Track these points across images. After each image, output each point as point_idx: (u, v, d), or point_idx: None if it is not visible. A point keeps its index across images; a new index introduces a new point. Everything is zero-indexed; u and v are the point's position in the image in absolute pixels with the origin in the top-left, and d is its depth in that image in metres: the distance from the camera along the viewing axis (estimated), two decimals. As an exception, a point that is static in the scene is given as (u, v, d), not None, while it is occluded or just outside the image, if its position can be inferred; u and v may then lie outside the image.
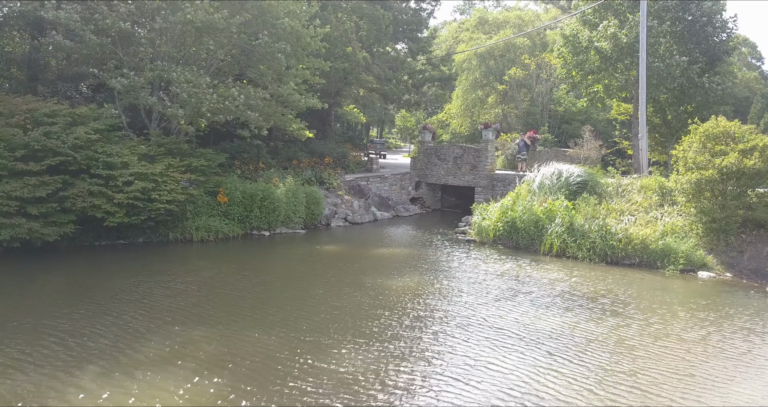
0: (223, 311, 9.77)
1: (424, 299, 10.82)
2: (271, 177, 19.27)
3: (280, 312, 9.77)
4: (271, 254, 14.87)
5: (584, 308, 10.44)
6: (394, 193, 24.81)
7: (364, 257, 14.80)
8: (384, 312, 9.89)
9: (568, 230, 15.26)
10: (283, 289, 11.45)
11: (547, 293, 11.41)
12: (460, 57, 38.06)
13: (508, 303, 10.59)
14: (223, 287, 11.29)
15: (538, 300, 10.83)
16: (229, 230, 16.37)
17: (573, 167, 18.04)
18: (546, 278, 12.63)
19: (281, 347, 8.10)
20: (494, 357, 7.93)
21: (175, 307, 9.86)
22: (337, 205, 21.19)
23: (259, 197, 17.03)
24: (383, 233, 19.07)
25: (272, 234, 17.53)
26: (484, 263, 14.18)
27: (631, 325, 9.51)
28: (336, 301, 10.50)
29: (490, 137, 23.29)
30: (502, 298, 10.96)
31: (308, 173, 21.54)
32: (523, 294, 11.25)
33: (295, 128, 17.99)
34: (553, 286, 11.96)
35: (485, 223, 17.28)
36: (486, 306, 10.43)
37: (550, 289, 11.70)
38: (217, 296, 10.66)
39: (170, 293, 10.73)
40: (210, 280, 11.86)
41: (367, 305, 10.27)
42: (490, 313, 9.98)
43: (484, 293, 11.35)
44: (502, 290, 11.58)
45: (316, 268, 13.47)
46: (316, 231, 18.74)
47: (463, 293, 11.33)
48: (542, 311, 10.15)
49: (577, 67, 26.97)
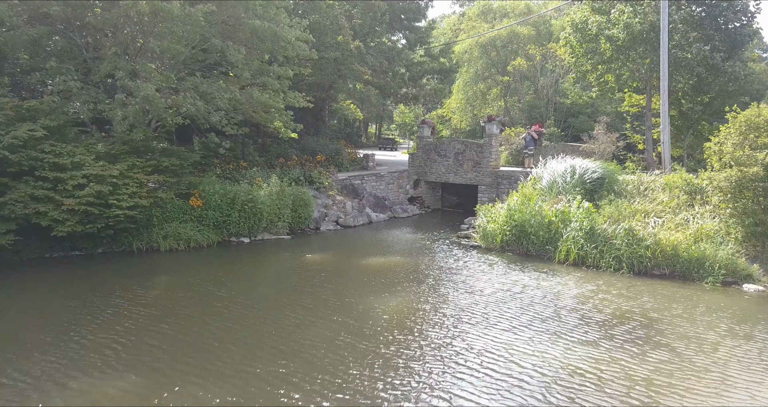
0: (167, 350, 7.73)
1: (419, 328, 8.77)
2: (255, 177, 17.23)
3: (241, 352, 7.72)
4: (246, 267, 12.83)
5: (616, 336, 8.38)
6: (391, 192, 22.74)
7: (354, 269, 12.75)
8: (369, 350, 7.85)
9: (587, 235, 13.19)
10: (250, 314, 9.40)
11: (569, 315, 9.35)
12: (460, 48, 35.87)
13: (523, 335, 8.54)
14: (177, 314, 9.25)
15: (559, 327, 8.77)
16: (202, 237, 14.32)
17: (588, 163, 15.93)
18: (566, 295, 10.56)
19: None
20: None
21: (103, 345, 7.81)
22: (328, 206, 19.13)
23: (238, 200, 14.97)
24: (378, 237, 17.01)
25: (253, 241, 15.48)
26: (490, 276, 12.12)
27: (680, 362, 7.45)
28: (312, 334, 8.45)
29: (494, 131, 21.19)
30: (514, 326, 8.90)
31: (296, 171, 19.47)
32: (540, 319, 9.18)
33: (278, 127, 15.84)
34: (575, 306, 9.89)
35: (491, 227, 15.20)
36: (494, 339, 8.38)
37: (572, 310, 9.63)
38: (165, 327, 8.61)
39: (106, 322, 8.70)
40: (164, 302, 9.82)
41: (349, 339, 8.22)
42: (499, 352, 7.93)
43: (491, 319, 9.28)
44: (513, 314, 9.51)
45: (296, 284, 11.43)
46: (303, 237, 16.69)
47: (468, 319, 9.28)
48: (565, 343, 8.09)
49: (586, 56, 24.90)
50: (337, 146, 25.54)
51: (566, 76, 32.40)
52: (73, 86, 12.76)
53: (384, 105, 57.50)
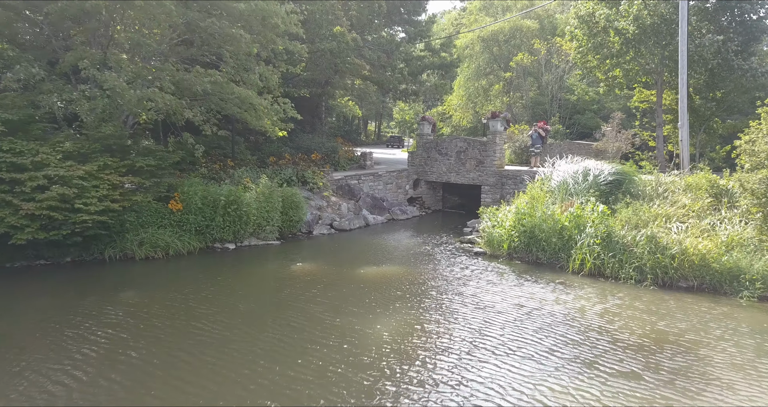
0: (129, 388, 6.46)
1: (425, 356, 7.49)
2: (243, 177, 15.93)
3: (215, 388, 6.45)
4: (230, 278, 11.53)
5: (657, 366, 7.11)
6: (390, 193, 21.45)
7: (349, 281, 11.46)
8: (369, 386, 6.59)
9: (604, 243, 11.91)
10: (231, 337, 8.12)
11: (599, 338, 8.08)
12: (461, 42, 34.50)
13: (549, 364, 7.26)
14: (147, 337, 7.96)
15: (590, 353, 7.50)
16: (183, 244, 13.02)
17: (602, 164, 14.65)
18: (590, 312, 9.28)
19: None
20: None
21: (53, 380, 6.55)
22: (322, 208, 17.84)
23: (222, 203, 13.67)
24: (374, 243, 15.72)
25: (239, 247, 14.18)
26: (501, 289, 10.84)
27: (746, 402, 6.18)
28: (301, 363, 7.18)
29: (498, 128, 19.90)
30: (537, 353, 7.62)
31: (288, 171, 18.17)
32: (566, 343, 7.91)
33: (266, 125, 14.51)
34: (602, 325, 8.61)
35: (497, 232, 13.92)
36: (515, 370, 7.11)
37: (600, 331, 8.36)
38: (132, 356, 7.33)
39: (62, 349, 7.42)
40: (134, 321, 8.52)
41: (345, 370, 6.95)
42: (525, 388, 6.65)
43: (509, 343, 8.01)
44: (534, 336, 8.24)
45: (285, 299, 10.15)
46: (294, 242, 15.40)
47: (482, 344, 8.00)
48: (601, 376, 6.82)
49: (593, 50, 23.62)
50: (334, 144, 24.25)
51: (571, 71, 31.09)
52: (35, 73, 11.43)
53: (383, 102, 56.20)
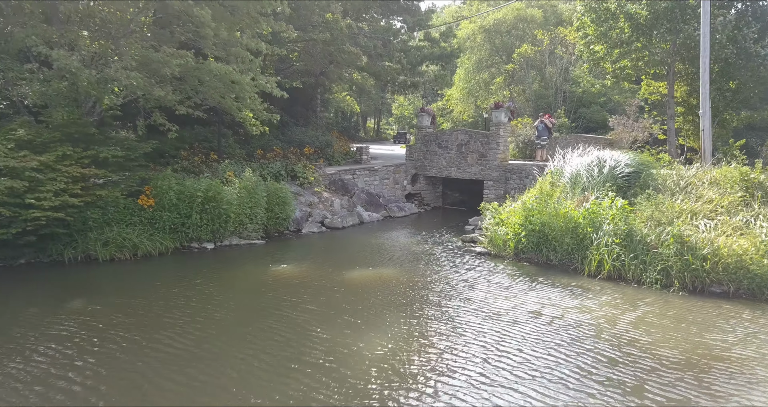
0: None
1: (434, 381, 6.10)
2: (225, 171, 14.55)
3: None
4: (205, 282, 10.14)
5: (710, 395, 5.71)
6: (386, 188, 20.06)
7: (337, 285, 10.07)
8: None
9: (624, 242, 10.51)
10: (201, 355, 6.74)
11: (641, 356, 6.67)
12: (462, 33, 33.05)
13: (590, 391, 5.87)
14: (99, 354, 6.58)
15: (638, 380, 6.10)
16: (154, 244, 11.64)
17: (619, 154, 13.24)
18: (622, 322, 7.88)
19: None
20: None
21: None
22: (313, 205, 16.46)
23: (199, 199, 12.29)
24: (369, 242, 14.34)
25: (219, 247, 12.81)
26: (513, 293, 9.45)
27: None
28: (280, 389, 5.79)
29: (501, 119, 18.48)
30: (572, 377, 6.22)
31: (277, 165, 16.78)
32: (605, 363, 6.51)
33: (247, 117, 13.08)
34: (640, 339, 7.21)
35: (501, 230, 12.54)
36: (530, 402, 5.71)
37: (641, 348, 6.95)
38: (72, 382, 5.95)
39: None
40: (87, 333, 7.14)
41: (332, 400, 5.56)
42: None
43: (534, 364, 6.62)
44: (564, 354, 6.84)
45: (265, 307, 8.77)
46: (281, 241, 14.01)
47: (500, 365, 6.60)
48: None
49: (601, 38, 22.20)
50: (328, 138, 22.84)
51: (577, 63, 29.64)
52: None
53: (383, 98, 54.77)
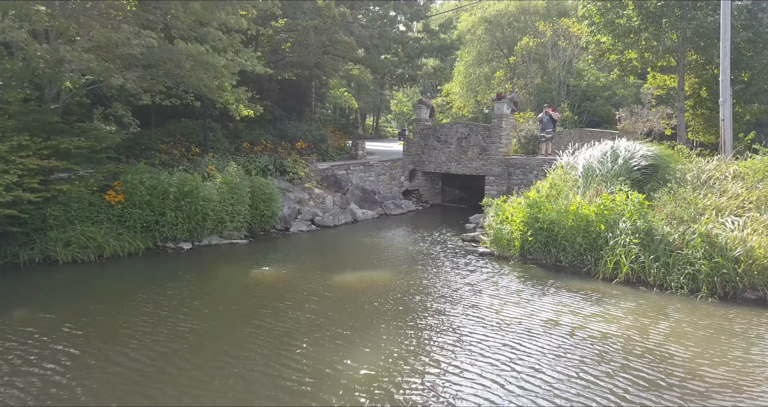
0: None
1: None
2: (207, 165, 13.41)
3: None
4: (176, 287, 8.97)
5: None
6: (382, 185, 18.90)
7: (325, 290, 8.92)
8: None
9: (643, 242, 9.36)
10: (134, 384, 5.60)
11: (688, 377, 5.53)
12: (463, 25, 31.84)
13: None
14: (34, 376, 5.44)
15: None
16: (121, 244, 10.49)
17: (635, 145, 12.07)
18: (654, 334, 6.74)
19: None
20: None
21: None
22: (303, 202, 15.30)
23: (171, 195, 11.13)
24: (362, 241, 13.18)
25: (197, 247, 11.66)
26: (520, 299, 8.30)
27: None
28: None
29: (504, 111, 17.32)
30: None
31: (264, 159, 15.62)
32: (645, 386, 5.36)
33: (228, 100, 11.93)
34: (678, 354, 6.06)
35: (506, 228, 11.38)
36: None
37: (685, 368, 5.81)
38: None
39: None
40: (27, 349, 6.00)
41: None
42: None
43: (560, 388, 5.47)
44: (594, 375, 5.69)
45: (235, 317, 7.62)
46: (266, 240, 12.86)
47: (519, 390, 5.46)
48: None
49: (607, 27, 21.06)
50: (322, 133, 21.67)
51: (580, 55, 28.48)
52: None
53: (382, 95, 53.62)
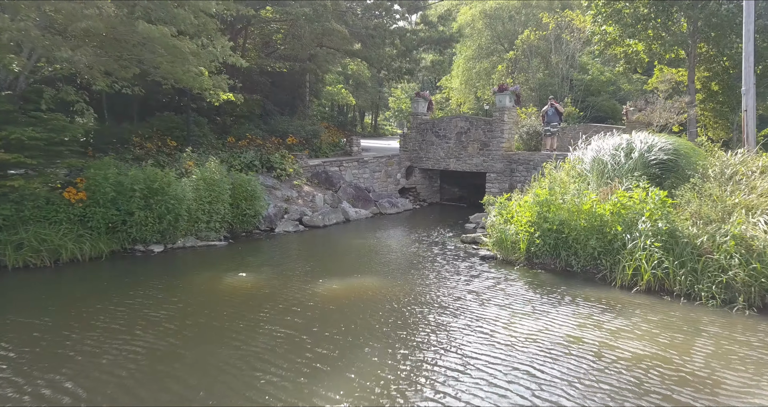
0: None
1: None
2: (186, 160, 12.27)
3: None
4: (128, 295, 7.81)
5: None
6: (377, 182, 17.76)
7: (304, 302, 7.78)
8: None
9: (666, 245, 8.21)
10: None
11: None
12: (462, 19, 30.65)
13: None
14: None
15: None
16: (81, 247, 9.34)
17: (651, 137, 10.90)
18: (698, 356, 5.59)
19: None
20: None
21: None
22: (291, 200, 14.16)
23: (138, 192, 9.97)
24: (354, 243, 12.05)
25: (169, 250, 10.52)
26: (533, 310, 7.15)
27: None
28: None
29: (506, 104, 16.18)
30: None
31: (250, 154, 14.49)
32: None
33: (204, 87, 10.77)
34: (731, 388, 4.93)
35: (510, 229, 10.23)
36: None
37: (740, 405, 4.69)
38: None
39: None
40: None
41: None
42: None
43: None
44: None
45: (201, 333, 6.46)
46: (248, 242, 11.72)
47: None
48: None
49: (613, 17, 19.93)
50: (315, 128, 20.53)
51: (584, 48, 27.30)
52: None
53: (380, 92, 52.50)
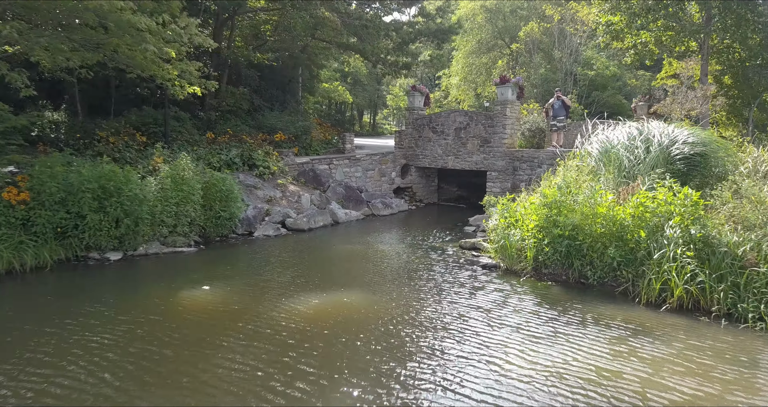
0: None
1: None
2: (153, 157, 10.97)
3: None
4: (68, 313, 6.51)
5: None
6: (371, 181, 16.45)
7: (277, 324, 6.48)
8: None
9: (701, 255, 6.90)
10: None
11: None
12: (462, 12, 29.35)
13: None
14: None
15: None
16: (19, 255, 8.03)
17: (672, 128, 9.55)
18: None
19: None
20: None
21: None
22: (274, 200, 12.85)
23: (89, 192, 8.67)
24: (340, 249, 10.73)
25: (128, 257, 9.20)
26: (544, 336, 5.84)
27: None
28: None
29: (509, 97, 14.86)
30: None
31: (232, 152, 13.19)
32: None
33: (164, 76, 9.45)
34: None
35: (515, 234, 8.92)
36: None
37: None
38: None
39: None
40: None
41: None
42: None
43: None
44: None
45: (131, 370, 5.17)
46: (222, 247, 10.40)
47: None
48: None
49: (621, 6, 18.69)
50: (306, 124, 19.21)
51: (589, 43, 25.99)
52: None
53: (378, 90, 51.27)
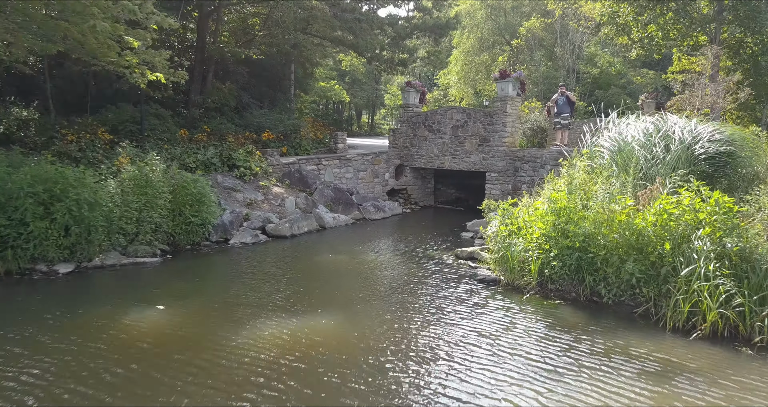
0: None
1: None
2: (118, 157, 9.87)
3: None
4: (9, 343, 5.47)
5: None
6: (362, 183, 15.34)
7: (242, 357, 5.39)
8: None
9: (738, 272, 5.80)
10: None
11: None
12: (462, 8, 28.24)
13: None
14: None
15: None
16: (-51, 270, 6.97)
17: (695, 123, 8.43)
18: None
19: None
20: None
21: None
22: (254, 204, 11.74)
23: (30, 197, 7.56)
24: (323, 260, 9.62)
25: (81, 270, 8.09)
26: (555, 377, 4.74)
27: None
28: None
29: (509, 93, 13.75)
30: None
31: (210, 151, 12.09)
32: None
33: (121, 63, 8.37)
34: None
35: (517, 244, 7.81)
36: None
37: None
38: None
39: None
40: None
41: None
42: None
43: None
44: None
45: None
46: (191, 257, 9.29)
47: None
48: None
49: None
50: (295, 122, 18.09)
51: (592, 39, 24.89)
52: None
53: (376, 90, 50.24)
